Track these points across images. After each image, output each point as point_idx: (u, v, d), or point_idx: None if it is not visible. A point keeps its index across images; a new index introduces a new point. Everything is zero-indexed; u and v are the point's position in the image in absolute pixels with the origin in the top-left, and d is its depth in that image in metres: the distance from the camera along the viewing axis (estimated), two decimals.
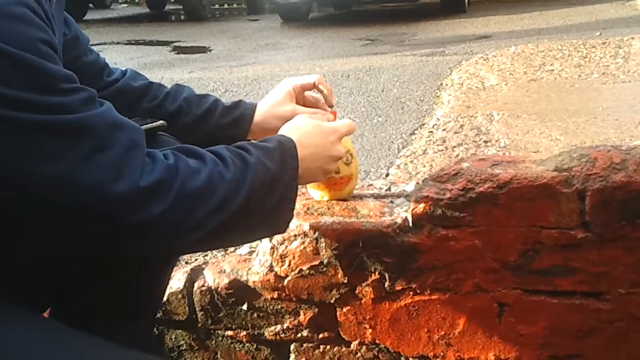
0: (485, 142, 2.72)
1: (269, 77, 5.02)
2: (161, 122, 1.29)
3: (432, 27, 8.11)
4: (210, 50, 7.43)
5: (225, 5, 15.74)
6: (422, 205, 1.31)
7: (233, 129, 1.40)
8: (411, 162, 2.59)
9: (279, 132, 1.20)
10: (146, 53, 7.29)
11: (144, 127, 1.28)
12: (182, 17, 12.49)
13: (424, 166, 2.52)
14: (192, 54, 7.27)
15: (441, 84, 4.21)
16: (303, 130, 1.19)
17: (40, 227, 0.89)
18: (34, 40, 0.79)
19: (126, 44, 8.14)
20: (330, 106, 1.49)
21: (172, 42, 8.27)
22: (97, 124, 0.84)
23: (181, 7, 12.30)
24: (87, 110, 0.83)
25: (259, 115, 1.42)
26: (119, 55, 7.06)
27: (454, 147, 2.72)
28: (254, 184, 0.99)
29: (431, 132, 3.01)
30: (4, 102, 0.75)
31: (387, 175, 2.51)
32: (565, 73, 4.09)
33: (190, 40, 8.45)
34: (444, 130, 3.00)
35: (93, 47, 1.36)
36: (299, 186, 1.18)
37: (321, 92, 1.47)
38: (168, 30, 9.90)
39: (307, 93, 1.49)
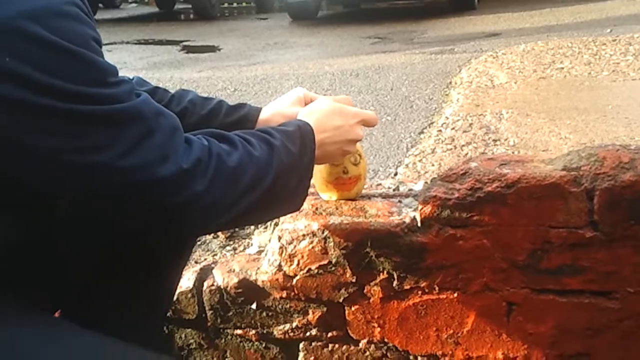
0: (494, 140, 2.71)
1: (278, 77, 5.02)
2: None
3: (441, 24, 8.09)
4: (219, 50, 7.44)
5: (234, 4, 15.76)
6: (430, 205, 1.31)
7: (237, 128, 1.41)
8: (420, 161, 2.59)
9: (300, 114, 1.26)
10: (155, 52, 7.31)
11: None
12: (192, 16, 12.52)
13: (433, 165, 2.51)
14: (201, 53, 7.28)
15: (450, 83, 4.20)
16: (323, 112, 1.25)
17: (71, 223, 0.92)
18: (88, 37, 0.84)
19: (135, 44, 8.17)
20: None
21: (182, 41, 8.29)
22: (143, 111, 0.89)
23: (190, 6, 12.33)
24: (133, 99, 0.88)
25: (264, 114, 1.43)
26: (128, 54, 7.08)
27: (463, 145, 2.71)
28: (279, 165, 1.05)
29: (440, 130, 3.00)
30: (63, 95, 0.80)
31: (396, 174, 2.50)
32: (575, 71, 4.07)
33: (200, 39, 8.46)
34: (452, 129, 2.99)
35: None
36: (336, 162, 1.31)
37: None
38: (177, 29, 9.92)
39: None
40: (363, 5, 11.33)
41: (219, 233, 1.78)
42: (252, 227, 1.75)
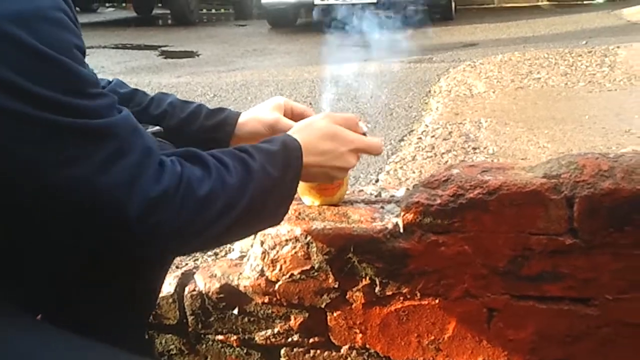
0: (474, 148, 2.74)
1: (257, 83, 5.02)
2: (157, 127, 1.30)
3: (419, 34, 8.15)
4: (198, 55, 7.43)
5: (213, 10, 15.74)
6: (412, 211, 1.32)
7: (217, 131, 1.42)
8: (400, 168, 2.61)
9: (294, 127, 1.21)
10: (133, 57, 7.27)
11: None
12: (170, 21, 12.48)
13: (413, 172, 2.53)
14: (179, 58, 7.27)
15: (429, 91, 4.24)
16: (316, 131, 1.19)
17: (49, 231, 0.90)
18: (70, 44, 0.83)
19: (113, 48, 8.12)
20: None
21: (160, 46, 8.27)
22: (120, 128, 0.87)
23: (168, 11, 12.28)
24: (111, 115, 0.86)
25: (242, 118, 1.43)
26: (106, 59, 7.04)
27: (443, 153, 2.74)
28: (255, 190, 1.01)
29: (420, 138, 3.03)
30: (37, 101, 0.78)
31: (377, 181, 2.52)
32: (552, 81, 4.13)
33: (178, 45, 8.44)
34: (432, 136, 3.02)
35: None
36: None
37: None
38: (155, 34, 9.89)
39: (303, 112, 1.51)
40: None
41: None
42: None
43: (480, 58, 5.32)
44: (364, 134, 1.30)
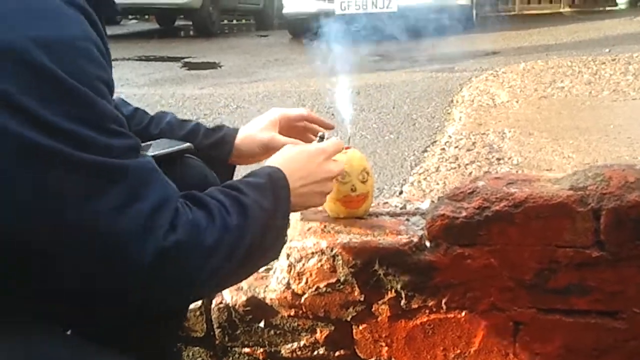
0: (498, 159, 2.74)
1: (279, 94, 5.05)
2: (188, 144, 1.32)
3: (441, 42, 8.11)
4: (220, 66, 7.47)
5: (234, 21, 15.84)
6: (438, 224, 1.33)
7: (215, 150, 1.44)
8: (424, 179, 2.61)
9: (267, 163, 1.20)
10: (157, 69, 7.33)
11: (171, 149, 1.32)
12: (192, 33, 12.57)
13: (437, 184, 2.53)
14: (202, 69, 7.31)
15: (452, 101, 4.23)
16: (289, 157, 1.20)
17: (58, 266, 0.84)
18: (93, 76, 0.81)
19: (137, 60, 8.19)
20: (330, 128, 1.55)
21: (183, 58, 8.32)
22: (137, 172, 0.85)
23: (190, 23, 12.38)
24: (129, 158, 0.84)
25: (239, 137, 1.45)
26: (130, 71, 7.10)
27: (467, 164, 2.74)
28: (254, 227, 1.00)
29: (443, 149, 3.03)
30: (52, 130, 0.76)
31: (401, 192, 2.52)
32: (576, 90, 4.10)
33: (201, 56, 8.50)
34: (456, 147, 3.01)
35: None
36: (317, 206, 1.24)
37: (313, 121, 1.52)
38: (178, 46, 9.96)
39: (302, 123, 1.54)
40: None
41: None
42: None
43: (502, 67, 5.29)
44: (322, 137, 1.35)
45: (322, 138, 1.35)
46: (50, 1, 0.80)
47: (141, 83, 6.20)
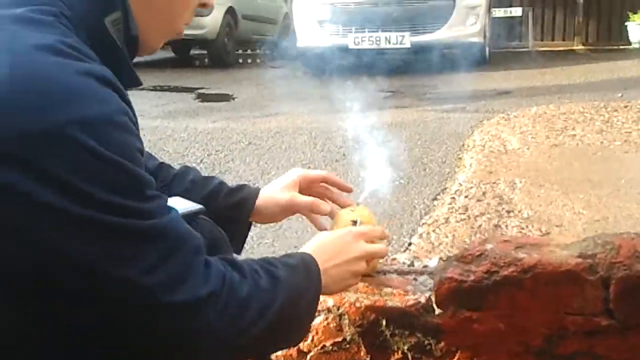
0: (508, 212, 2.73)
1: (291, 131, 5.07)
2: (201, 207, 1.34)
3: (452, 79, 8.13)
4: (233, 99, 7.51)
5: (249, 51, 15.97)
6: (445, 287, 1.32)
7: (235, 211, 1.45)
8: (433, 231, 2.60)
9: (306, 246, 1.23)
10: (171, 100, 7.39)
11: (185, 210, 1.33)
12: (207, 61, 12.68)
13: (447, 237, 2.53)
14: (216, 102, 7.36)
15: (463, 145, 4.23)
16: (320, 242, 1.23)
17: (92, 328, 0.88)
18: (133, 148, 0.85)
19: (152, 90, 8.24)
20: (349, 191, 1.56)
21: (196, 88, 8.38)
22: (170, 229, 0.88)
23: (206, 52, 12.49)
24: (163, 215, 0.88)
25: (260, 198, 1.46)
26: (143, 102, 7.15)
27: (477, 216, 2.73)
28: (284, 295, 1.03)
29: (453, 198, 3.03)
30: (103, 206, 0.79)
31: (410, 244, 2.51)
32: (588, 139, 4.10)
33: (214, 87, 8.55)
34: (466, 197, 3.01)
35: None
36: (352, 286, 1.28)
37: (333, 184, 1.54)
38: (192, 76, 10.04)
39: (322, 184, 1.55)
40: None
41: None
42: None
43: (514, 109, 5.30)
44: (355, 222, 1.38)
45: (355, 223, 1.37)
46: (88, 82, 0.82)
47: (154, 115, 6.23)
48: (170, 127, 5.39)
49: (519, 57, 10.02)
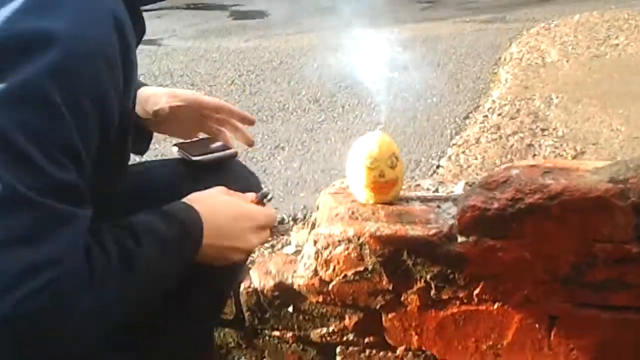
0: (542, 130, 2.62)
1: (323, 48, 4.95)
2: (234, 150, 1.31)
3: None
4: (267, 15, 7.37)
5: None
6: (468, 215, 1.27)
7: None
8: (463, 152, 2.52)
9: (190, 197, 1.11)
10: (204, 19, 7.27)
11: (218, 155, 1.35)
12: None
13: (476, 158, 2.44)
14: (249, 19, 7.22)
15: (499, 58, 4.07)
16: (221, 209, 1.12)
17: None
18: None
19: (185, 9, 8.12)
20: (251, 124, 1.47)
21: (230, 5, 8.22)
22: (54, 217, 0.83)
23: None
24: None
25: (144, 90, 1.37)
26: (177, 21, 7.06)
27: (509, 135, 2.63)
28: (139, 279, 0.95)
29: (486, 116, 2.92)
30: None
31: (438, 166, 2.44)
32: (631, 49, 3.89)
33: (249, 3, 8.37)
34: (499, 114, 2.90)
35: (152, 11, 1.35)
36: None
37: (229, 114, 1.44)
38: None
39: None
40: None
41: None
42: (291, 222, 1.73)
43: (556, 17, 5.05)
44: (265, 195, 1.25)
45: (264, 195, 1.24)
46: None
47: (187, 35, 6.15)
48: (203, 47, 5.32)
49: None
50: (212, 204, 1.11)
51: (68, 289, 0.82)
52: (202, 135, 1.45)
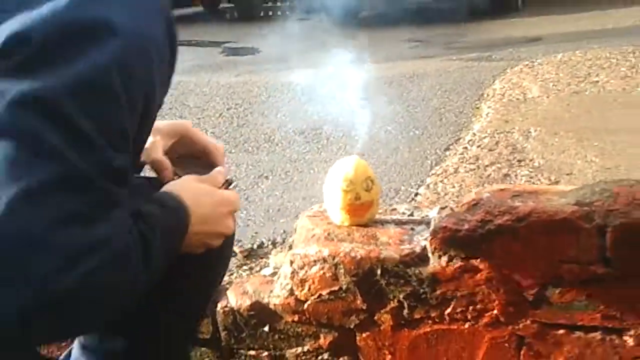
0: (519, 161, 2.68)
1: (313, 83, 5.02)
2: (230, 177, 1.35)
3: (482, 27, 7.95)
4: (258, 52, 7.46)
5: (278, 3, 15.79)
6: (440, 236, 1.31)
7: None
8: (441, 181, 2.57)
9: (170, 186, 1.15)
10: (197, 55, 7.35)
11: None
12: (236, 14, 12.57)
13: (453, 187, 2.49)
14: (241, 55, 7.32)
15: (482, 94, 4.15)
16: (197, 193, 1.16)
17: None
18: None
19: (180, 45, 8.20)
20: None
21: (223, 42, 8.32)
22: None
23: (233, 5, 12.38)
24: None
25: None
26: None
27: (487, 166, 2.69)
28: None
29: (465, 148, 2.98)
30: None
31: (417, 194, 2.48)
32: (610, 85, 3.98)
33: (241, 40, 8.47)
34: (478, 146, 2.96)
35: None
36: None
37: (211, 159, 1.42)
38: (220, 30, 9.96)
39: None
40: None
41: (237, 251, 1.80)
42: (270, 246, 1.76)
43: (540, 56, 5.15)
44: (230, 183, 1.29)
45: (229, 182, 1.30)
46: None
47: (179, 70, 6.11)
48: (193, 81, 5.39)
49: (555, 2, 9.55)
50: (194, 192, 1.15)
51: (117, 268, 0.88)
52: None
